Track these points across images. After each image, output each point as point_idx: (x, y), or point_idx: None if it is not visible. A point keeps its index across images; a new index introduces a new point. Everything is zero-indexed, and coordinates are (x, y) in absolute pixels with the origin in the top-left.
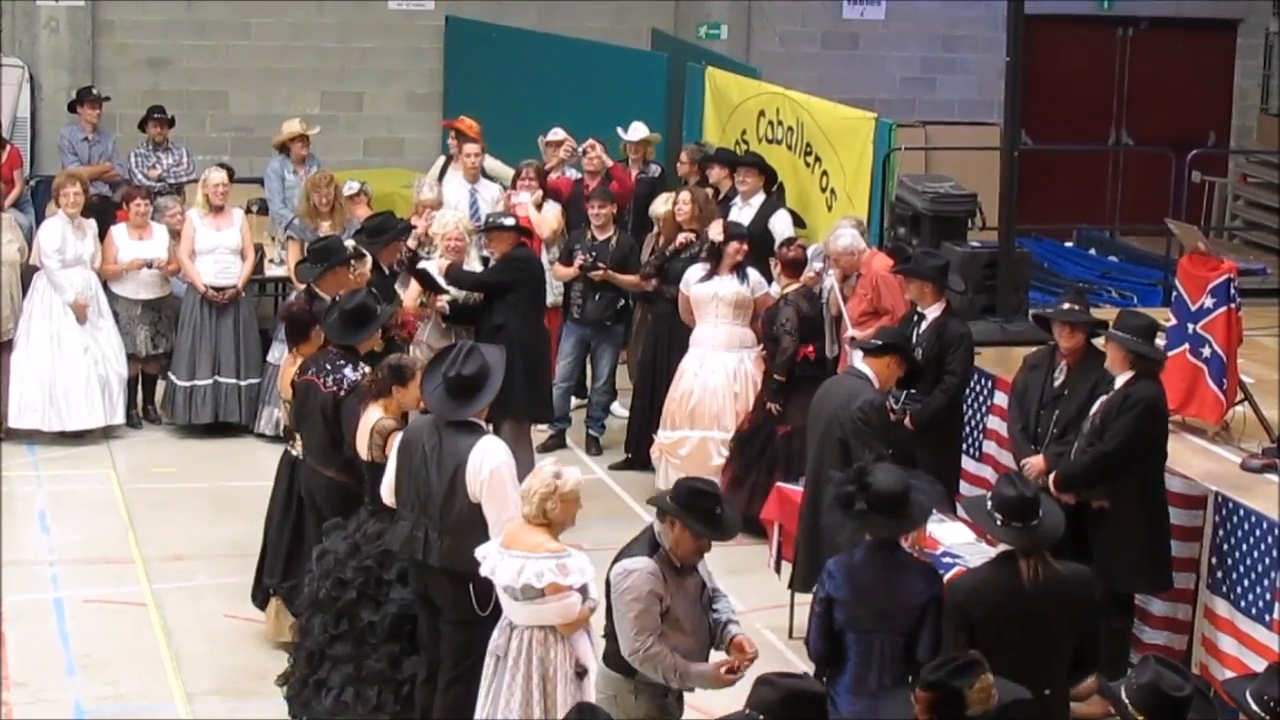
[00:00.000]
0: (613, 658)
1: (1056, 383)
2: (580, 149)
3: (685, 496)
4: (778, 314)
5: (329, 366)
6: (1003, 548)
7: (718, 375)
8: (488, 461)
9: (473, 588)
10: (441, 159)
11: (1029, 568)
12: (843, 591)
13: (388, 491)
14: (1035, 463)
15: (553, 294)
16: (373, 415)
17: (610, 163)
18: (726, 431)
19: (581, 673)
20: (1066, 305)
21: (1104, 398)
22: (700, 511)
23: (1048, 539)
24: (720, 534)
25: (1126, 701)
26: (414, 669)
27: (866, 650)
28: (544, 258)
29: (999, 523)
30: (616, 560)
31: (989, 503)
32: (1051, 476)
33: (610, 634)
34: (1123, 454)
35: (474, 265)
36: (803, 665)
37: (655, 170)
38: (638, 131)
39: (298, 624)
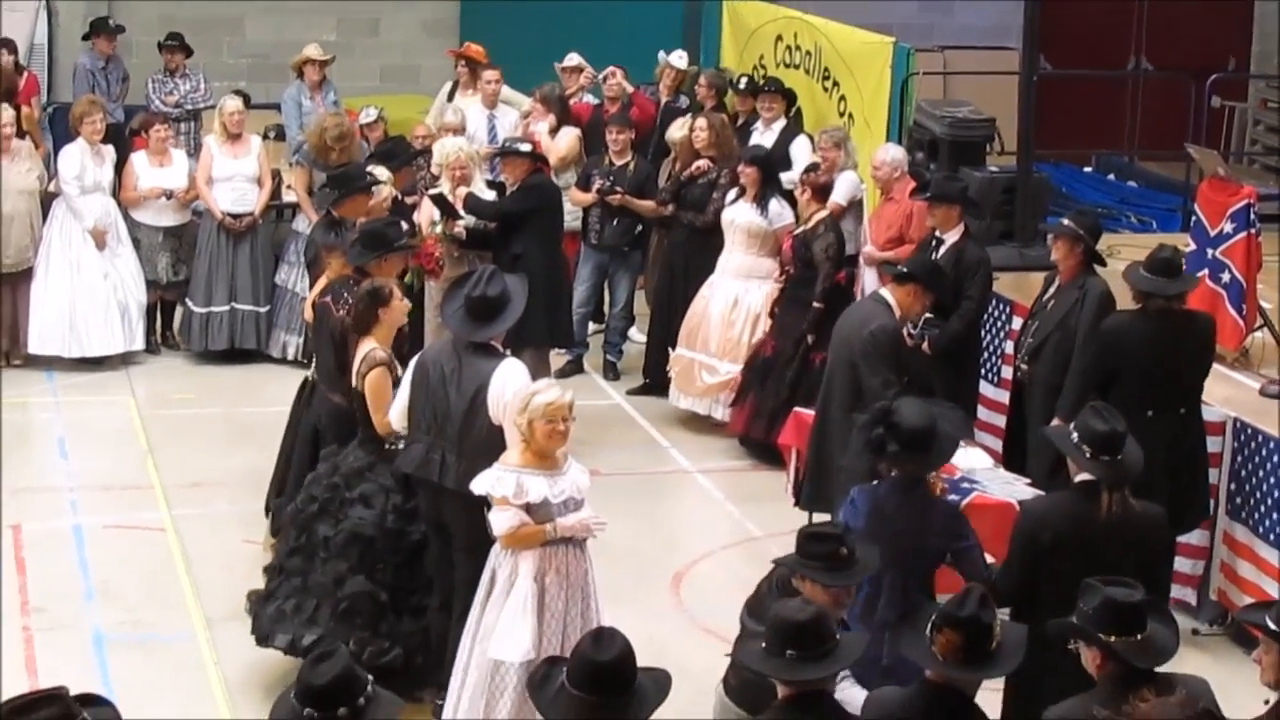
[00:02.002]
0: (736, 691)
1: (1046, 295)
2: (601, 75)
3: (804, 545)
4: (814, 240)
5: (344, 292)
6: (1083, 476)
7: (717, 301)
8: (510, 383)
9: (487, 512)
10: (448, 84)
11: (1109, 501)
12: (862, 523)
13: (399, 415)
14: None
15: (571, 219)
16: (365, 346)
17: (631, 89)
18: (710, 355)
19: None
20: (1066, 221)
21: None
22: (822, 558)
23: (1130, 473)
24: (848, 578)
25: (1090, 629)
26: (355, 588)
27: (876, 583)
28: (566, 185)
29: (1087, 455)
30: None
31: (1074, 434)
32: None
33: (736, 664)
34: (1079, 376)
35: (481, 191)
36: None
37: (684, 102)
38: (682, 59)
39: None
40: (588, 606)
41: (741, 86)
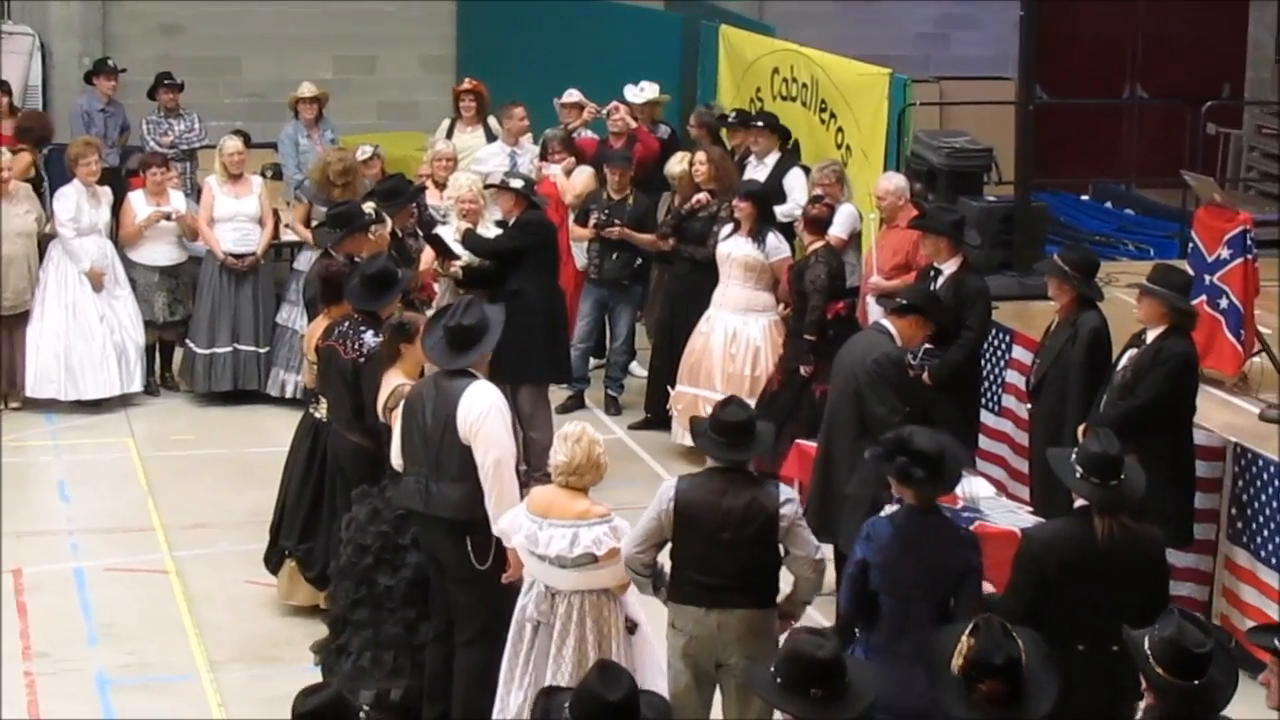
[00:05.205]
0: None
1: (1048, 332)
2: (605, 110)
3: None
4: (805, 271)
5: (350, 332)
6: (1080, 502)
7: (717, 335)
8: (478, 404)
9: (470, 541)
10: (446, 121)
11: (1104, 526)
12: (881, 556)
13: (396, 456)
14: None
15: (584, 257)
16: (393, 380)
17: (635, 125)
18: (715, 390)
19: (631, 628)
20: (1055, 258)
21: (1134, 351)
22: None
23: (1127, 500)
24: None
25: (1148, 653)
26: (430, 633)
27: (902, 616)
28: (570, 221)
29: (1078, 476)
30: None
31: (1073, 455)
32: (1081, 428)
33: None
34: (1154, 408)
35: (488, 228)
36: (826, 622)
37: (665, 131)
38: (643, 93)
39: (329, 591)
40: None
41: (731, 121)
